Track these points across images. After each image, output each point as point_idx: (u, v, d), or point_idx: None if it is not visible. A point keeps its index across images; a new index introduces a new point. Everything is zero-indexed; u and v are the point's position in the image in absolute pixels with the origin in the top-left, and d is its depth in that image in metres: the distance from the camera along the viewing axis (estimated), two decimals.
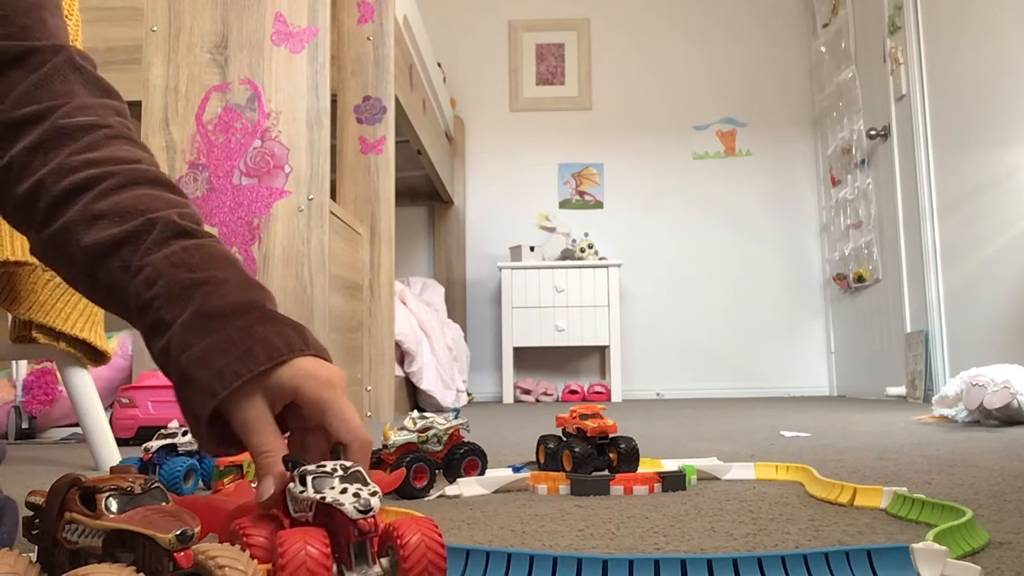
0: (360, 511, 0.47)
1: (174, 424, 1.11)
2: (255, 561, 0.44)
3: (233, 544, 0.47)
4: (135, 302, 0.56)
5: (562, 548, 0.68)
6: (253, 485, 0.92)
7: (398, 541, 0.48)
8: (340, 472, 0.48)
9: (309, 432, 0.54)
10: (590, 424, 1.06)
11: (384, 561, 0.48)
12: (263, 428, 0.52)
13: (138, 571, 0.41)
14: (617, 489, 0.96)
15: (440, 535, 0.49)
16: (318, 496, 0.47)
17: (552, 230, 4.65)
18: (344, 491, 0.47)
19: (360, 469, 0.50)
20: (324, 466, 0.49)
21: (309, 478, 0.48)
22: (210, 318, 0.53)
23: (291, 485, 0.49)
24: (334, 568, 0.46)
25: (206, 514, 0.58)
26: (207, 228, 0.61)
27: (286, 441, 0.55)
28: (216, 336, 0.52)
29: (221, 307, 0.54)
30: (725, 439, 1.73)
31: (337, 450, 0.53)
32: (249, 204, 2.19)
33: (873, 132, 3.67)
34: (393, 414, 2.81)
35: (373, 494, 0.48)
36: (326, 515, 0.48)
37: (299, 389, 0.52)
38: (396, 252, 3.05)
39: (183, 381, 0.53)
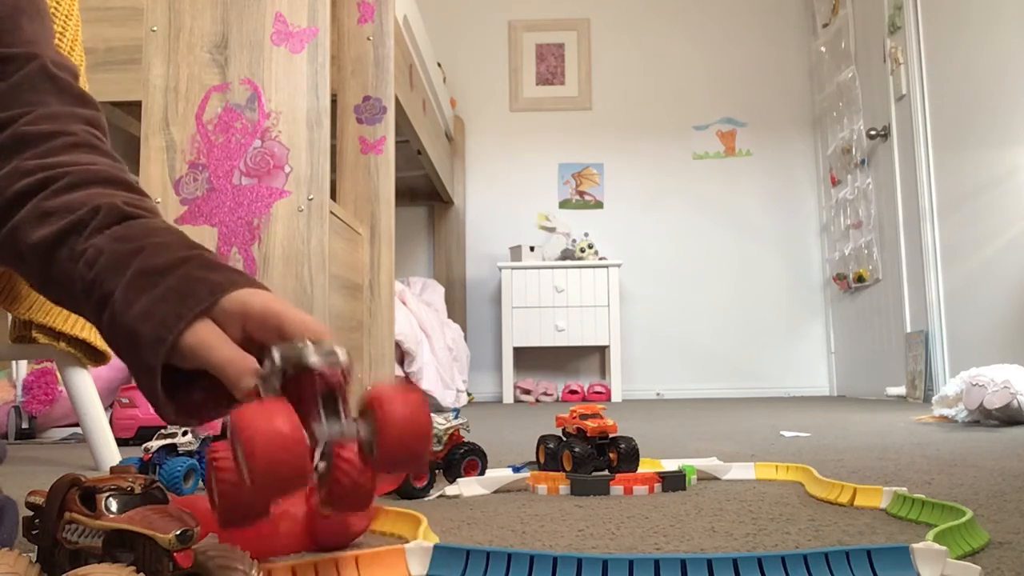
0: (322, 358, 0.44)
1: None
2: (255, 561, 0.44)
3: (209, 471, 0.45)
4: (81, 286, 0.54)
5: (562, 548, 0.68)
6: None
7: (377, 409, 0.45)
8: (311, 345, 0.46)
9: None
10: (590, 424, 1.06)
11: (363, 425, 0.45)
12: (222, 344, 0.49)
13: (138, 571, 0.41)
14: (617, 489, 0.96)
15: (425, 404, 0.45)
16: (283, 363, 0.45)
17: (552, 230, 4.65)
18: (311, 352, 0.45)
19: (332, 342, 0.46)
20: (298, 343, 0.46)
21: (276, 351, 0.46)
22: (150, 275, 0.51)
23: (263, 368, 0.46)
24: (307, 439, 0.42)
25: (206, 514, 0.58)
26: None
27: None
28: (157, 289, 0.51)
29: (161, 264, 0.52)
30: (725, 439, 1.73)
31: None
32: (249, 204, 2.19)
33: (873, 132, 3.67)
34: None
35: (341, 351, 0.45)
36: (295, 386, 0.45)
37: (246, 307, 0.50)
38: (396, 252, 3.05)
39: (130, 341, 0.50)
